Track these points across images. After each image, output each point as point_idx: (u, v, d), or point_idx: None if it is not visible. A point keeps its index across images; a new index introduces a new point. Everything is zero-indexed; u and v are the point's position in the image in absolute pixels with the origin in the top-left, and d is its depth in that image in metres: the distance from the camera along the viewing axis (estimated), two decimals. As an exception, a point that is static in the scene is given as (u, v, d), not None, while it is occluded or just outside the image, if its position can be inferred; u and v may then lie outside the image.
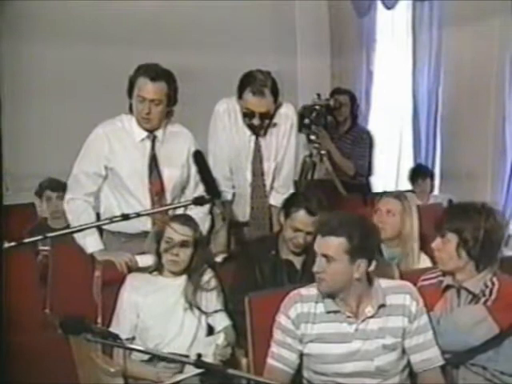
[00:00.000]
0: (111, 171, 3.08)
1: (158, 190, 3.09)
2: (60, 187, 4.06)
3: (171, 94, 3.06)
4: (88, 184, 3.08)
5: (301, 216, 2.93)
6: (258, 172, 3.46)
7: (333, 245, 2.29)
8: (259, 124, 3.35)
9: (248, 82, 3.30)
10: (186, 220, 2.85)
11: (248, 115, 3.33)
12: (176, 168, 3.13)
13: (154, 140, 3.10)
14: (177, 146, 3.14)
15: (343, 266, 2.29)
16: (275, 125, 3.43)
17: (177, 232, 2.80)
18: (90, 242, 3.02)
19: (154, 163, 3.09)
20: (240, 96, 3.33)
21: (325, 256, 2.30)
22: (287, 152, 3.51)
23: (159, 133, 3.11)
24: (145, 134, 3.09)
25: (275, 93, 3.33)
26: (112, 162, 3.06)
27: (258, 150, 3.44)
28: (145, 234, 3.07)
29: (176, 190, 3.15)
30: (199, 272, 2.86)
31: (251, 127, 3.37)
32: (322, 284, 2.33)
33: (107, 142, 3.06)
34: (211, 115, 3.48)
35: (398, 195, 3.32)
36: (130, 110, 3.11)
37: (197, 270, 2.86)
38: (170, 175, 3.12)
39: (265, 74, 3.31)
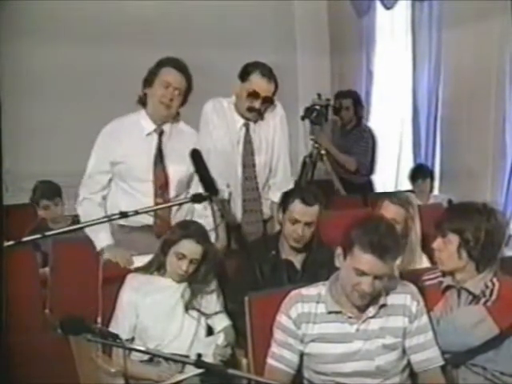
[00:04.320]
0: (119, 165, 3.10)
1: (161, 184, 3.12)
2: (55, 193, 4.06)
3: (188, 90, 3.14)
4: (93, 183, 3.14)
5: (297, 206, 2.95)
6: (248, 163, 3.47)
7: (390, 266, 2.29)
8: (259, 108, 3.38)
9: (256, 65, 3.38)
10: (200, 237, 2.81)
11: (252, 96, 3.36)
12: (182, 164, 3.12)
13: (161, 134, 3.14)
14: (183, 143, 3.14)
15: (385, 280, 2.31)
16: (263, 119, 3.47)
17: (190, 251, 2.78)
18: (102, 237, 3.08)
19: (159, 157, 3.12)
20: (245, 79, 3.37)
21: (378, 276, 2.27)
22: (281, 147, 3.54)
23: (167, 127, 3.15)
24: (153, 127, 3.13)
25: (276, 86, 3.40)
26: (120, 156, 3.09)
27: (248, 141, 3.46)
28: (147, 227, 3.10)
29: (180, 186, 3.17)
30: (202, 280, 2.85)
31: (250, 110, 3.38)
32: (367, 298, 2.32)
33: (115, 138, 3.10)
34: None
35: (403, 203, 3.26)
36: (140, 104, 3.14)
37: (200, 279, 2.85)
38: (176, 171, 3.14)
39: (269, 67, 3.41)
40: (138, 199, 3.01)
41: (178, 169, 3.14)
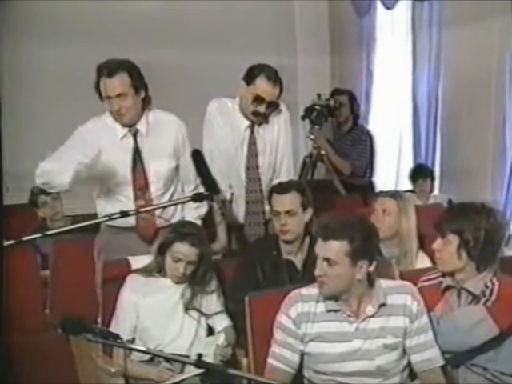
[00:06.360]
0: (98, 171, 2.99)
1: (141, 185, 3.04)
2: None
3: (136, 82, 2.99)
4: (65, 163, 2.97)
5: (274, 197, 3.03)
6: (252, 165, 3.47)
7: (334, 248, 2.28)
8: (264, 112, 3.37)
9: (262, 69, 3.35)
10: (195, 239, 2.78)
11: (257, 100, 3.34)
12: (163, 160, 3.08)
13: (135, 134, 3.05)
14: (163, 136, 3.10)
15: (345, 268, 2.29)
16: (268, 121, 3.46)
17: (185, 253, 2.77)
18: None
19: (137, 157, 3.04)
20: (250, 82, 3.34)
21: (326, 259, 2.30)
22: (285, 149, 3.54)
23: (142, 125, 3.06)
24: (125, 130, 3.05)
25: (281, 89, 3.39)
26: (96, 160, 2.96)
27: (253, 143, 3.46)
28: (133, 228, 3.06)
29: (166, 182, 3.11)
30: (201, 281, 2.85)
31: (255, 114, 3.38)
32: (324, 287, 2.33)
33: (90, 143, 2.99)
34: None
35: (394, 194, 3.31)
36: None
37: (199, 280, 2.83)
38: (157, 168, 3.07)
39: (275, 69, 3.39)
40: (123, 203, 2.96)
41: (160, 165, 3.07)
